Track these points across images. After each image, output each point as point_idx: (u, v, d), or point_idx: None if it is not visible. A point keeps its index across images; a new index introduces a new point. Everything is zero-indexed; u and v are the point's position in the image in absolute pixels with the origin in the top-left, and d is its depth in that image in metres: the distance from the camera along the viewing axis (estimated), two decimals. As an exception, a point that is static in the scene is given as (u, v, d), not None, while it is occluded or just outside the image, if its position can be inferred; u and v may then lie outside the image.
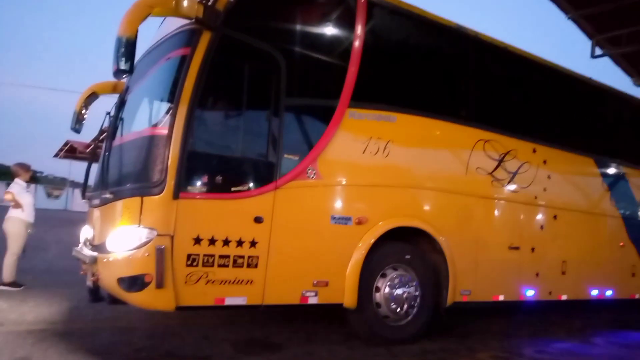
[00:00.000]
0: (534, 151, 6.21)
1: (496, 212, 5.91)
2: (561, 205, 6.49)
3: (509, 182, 5.95)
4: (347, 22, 4.90)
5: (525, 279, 6.07)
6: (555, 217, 6.42)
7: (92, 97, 5.93)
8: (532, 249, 6.12)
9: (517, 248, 5.97)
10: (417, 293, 5.07)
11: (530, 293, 6.09)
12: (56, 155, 30.51)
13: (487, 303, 5.79)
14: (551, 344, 5.77)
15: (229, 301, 4.12)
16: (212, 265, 4.00)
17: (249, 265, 4.17)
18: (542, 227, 6.31)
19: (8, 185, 7.88)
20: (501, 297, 5.84)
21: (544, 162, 6.30)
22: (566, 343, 5.94)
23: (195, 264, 3.94)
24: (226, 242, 4.06)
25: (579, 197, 6.85)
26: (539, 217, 6.31)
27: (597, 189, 7.09)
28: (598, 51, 11.58)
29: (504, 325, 6.67)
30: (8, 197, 6.96)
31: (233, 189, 4.14)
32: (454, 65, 5.88)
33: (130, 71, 3.78)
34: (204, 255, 3.97)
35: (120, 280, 3.92)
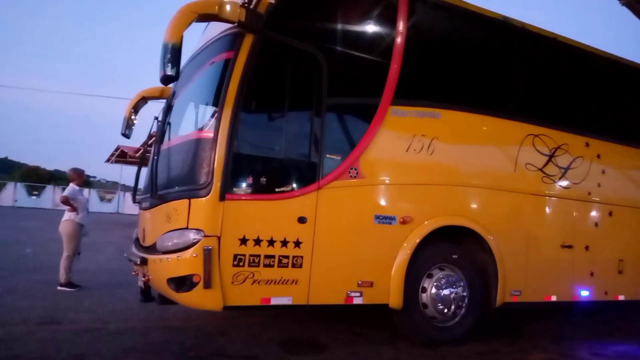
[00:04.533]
0: (587, 145, 5.96)
1: (547, 210, 5.70)
2: (617, 201, 6.20)
3: (560, 178, 5.74)
4: (388, 19, 4.85)
5: (579, 278, 5.83)
6: (610, 213, 6.14)
7: (140, 102, 6.11)
8: (586, 247, 5.88)
9: (570, 246, 5.74)
10: (464, 293, 4.96)
11: (584, 293, 5.84)
12: (108, 160, 31.54)
13: (539, 304, 5.60)
14: (607, 346, 5.52)
15: (275, 301, 4.15)
16: (258, 266, 4.05)
17: (293, 265, 4.19)
18: (596, 224, 6.04)
19: (64, 189, 8.24)
20: (553, 298, 5.63)
21: (598, 156, 6.04)
22: (623, 346, 5.66)
23: (241, 264, 3.99)
24: (271, 243, 4.10)
25: (636, 192, 6.50)
26: (593, 213, 6.05)
27: (656, 184, 6.71)
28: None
29: (557, 326, 6.44)
30: (63, 200, 7.27)
31: (277, 189, 4.17)
32: (500, 58, 5.71)
33: (176, 77, 3.86)
34: (250, 255, 4.02)
35: (170, 281, 4.02)
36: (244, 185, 4.09)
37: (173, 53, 3.76)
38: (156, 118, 5.33)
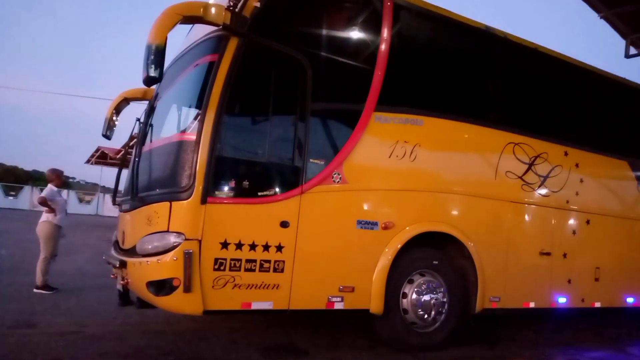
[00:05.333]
0: (566, 154, 6.07)
1: (526, 217, 5.78)
2: (594, 209, 6.31)
3: (539, 186, 5.82)
4: (373, 26, 4.88)
5: (556, 285, 5.92)
6: (588, 222, 6.24)
7: (122, 103, 6.05)
8: (564, 255, 5.97)
9: (548, 254, 5.83)
10: (444, 299, 4.99)
11: (562, 300, 5.93)
12: (88, 162, 31.18)
13: (517, 310, 5.67)
14: (584, 352, 5.61)
15: (256, 306, 4.13)
16: (239, 270, 4.02)
17: (275, 270, 4.17)
18: (574, 232, 6.14)
19: (42, 190, 8.11)
20: (532, 304, 5.70)
21: (576, 165, 6.15)
22: (599, 352, 5.76)
23: (222, 268, 3.96)
24: (253, 247, 4.08)
25: (613, 201, 6.64)
26: (571, 222, 6.15)
27: (631, 193, 6.86)
28: (632, 51, 11.23)
29: (534, 332, 6.52)
30: (41, 201, 7.15)
31: (259, 193, 4.16)
32: (482, 67, 5.79)
33: (159, 78, 3.83)
34: (231, 259, 3.99)
35: (149, 284, 3.97)
36: (226, 188, 4.06)
37: (156, 54, 3.73)
38: (138, 119, 5.28)
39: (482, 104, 5.73)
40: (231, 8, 4.07)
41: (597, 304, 6.30)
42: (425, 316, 4.87)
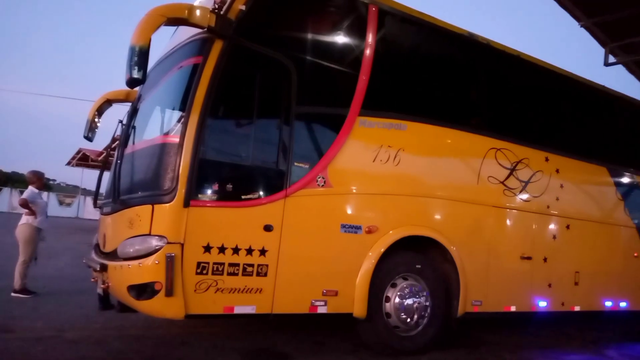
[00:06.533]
0: (547, 160, 6.15)
1: (508, 222, 5.85)
2: (574, 214, 6.41)
3: (521, 191, 5.90)
4: (358, 31, 4.91)
5: (537, 289, 5.99)
6: (568, 226, 6.34)
7: (105, 105, 5.98)
8: (545, 259, 6.05)
9: (529, 258, 5.90)
10: (427, 303, 5.02)
11: (542, 304, 6.00)
12: (69, 164, 30.74)
13: (499, 314, 5.73)
14: (563, 355, 5.68)
15: (238, 310, 4.10)
16: (222, 274, 4.00)
17: (258, 274, 4.15)
18: (554, 237, 6.23)
19: (22, 192, 7.98)
20: (513, 308, 5.76)
21: (557, 171, 6.24)
22: (579, 355, 5.84)
23: (205, 272, 3.93)
24: (236, 251, 4.06)
25: (592, 206, 6.76)
26: (552, 226, 6.23)
27: (610, 199, 6.99)
28: (611, 59, 11.44)
29: (515, 336, 6.59)
30: (22, 203, 7.03)
31: (243, 197, 4.14)
32: (466, 73, 5.85)
33: (143, 80, 3.81)
34: (214, 263, 3.97)
35: (130, 288, 3.92)
36: (209, 191, 4.04)
37: (140, 56, 3.71)
38: (121, 121, 5.23)
39: (465, 109, 5.80)
40: (216, 10, 4.06)
41: (577, 308, 6.39)
42: (408, 320, 4.89)
